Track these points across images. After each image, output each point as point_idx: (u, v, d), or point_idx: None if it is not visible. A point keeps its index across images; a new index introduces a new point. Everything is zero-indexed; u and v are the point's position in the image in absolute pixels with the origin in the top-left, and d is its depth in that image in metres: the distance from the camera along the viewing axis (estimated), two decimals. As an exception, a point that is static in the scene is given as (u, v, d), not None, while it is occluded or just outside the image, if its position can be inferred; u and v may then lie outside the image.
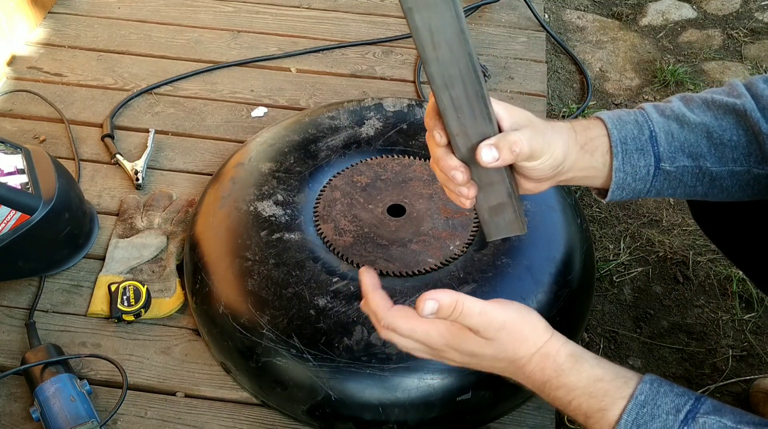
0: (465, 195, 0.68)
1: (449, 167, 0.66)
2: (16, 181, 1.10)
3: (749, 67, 1.85)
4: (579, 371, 0.65)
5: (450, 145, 0.66)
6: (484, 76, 1.60)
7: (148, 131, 1.45)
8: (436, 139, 0.66)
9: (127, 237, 1.24)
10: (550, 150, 0.68)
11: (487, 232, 0.74)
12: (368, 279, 0.70)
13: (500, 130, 0.66)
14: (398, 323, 0.67)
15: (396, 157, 1.24)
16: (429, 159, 1.22)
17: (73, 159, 1.40)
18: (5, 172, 1.11)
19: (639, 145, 0.74)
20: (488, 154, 0.64)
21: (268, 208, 1.14)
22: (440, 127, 0.65)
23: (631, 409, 0.61)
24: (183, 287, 1.17)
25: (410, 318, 0.67)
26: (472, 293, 1.01)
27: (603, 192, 0.77)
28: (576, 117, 1.63)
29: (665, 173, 0.75)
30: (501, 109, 0.67)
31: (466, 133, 0.64)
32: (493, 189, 0.68)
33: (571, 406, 0.65)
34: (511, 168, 0.70)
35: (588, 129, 0.74)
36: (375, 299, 0.68)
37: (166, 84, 1.57)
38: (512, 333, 0.66)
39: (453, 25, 0.56)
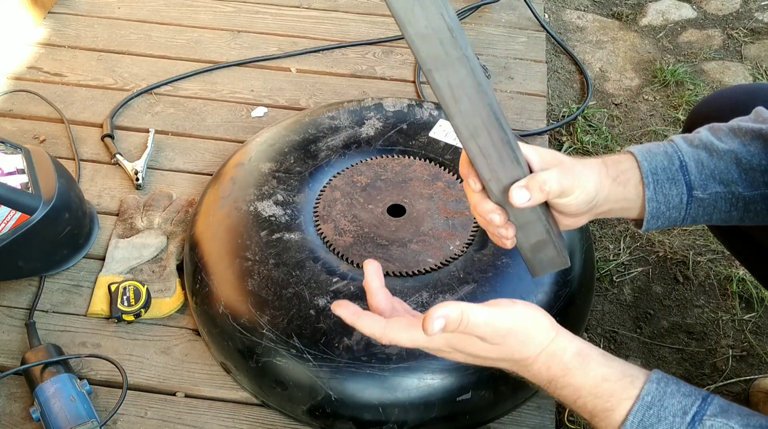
0: (505, 235, 0.72)
1: (486, 211, 0.70)
2: (16, 181, 1.10)
3: (749, 67, 1.85)
4: (585, 371, 0.64)
5: (485, 190, 0.70)
6: (485, 74, 1.60)
7: (148, 131, 1.45)
8: (471, 185, 0.70)
9: (127, 237, 1.24)
10: (581, 185, 0.71)
11: (531, 270, 0.77)
12: (349, 311, 0.68)
13: (531, 172, 0.69)
14: (399, 337, 0.66)
15: (396, 157, 1.24)
16: (428, 159, 1.22)
17: (73, 159, 1.40)
18: (5, 172, 1.11)
19: (670, 174, 0.76)
20: (520, 196, 0.67)
21: (268, 208, 1.14)
22: (474, 174, 0.68)
23: (637, 410, 0.61)
24: (183, 287, 1.17)
25: (411, 328, 0.66)
26: (472, 293, 1.01)
27: (640, 222, 0.79)
28: (576, 117, 1.64)
29: (699, 200, 0.78)
30: (530, 152, 0.70)
31: (498, 177, 0.67)
32: (531, 227, 0.71)
33: (576, 404, 0.65)
34: (547, 206, 0.72)
35: (619, 163, 0.77)
36: (366, 325, 0.66)
37: (166, 84, 1.57)
38: (519, 336, 0.65)
39: (470, 80, 0.60)
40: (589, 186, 0.72)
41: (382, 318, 0.67)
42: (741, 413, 0.61)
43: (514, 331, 0.65)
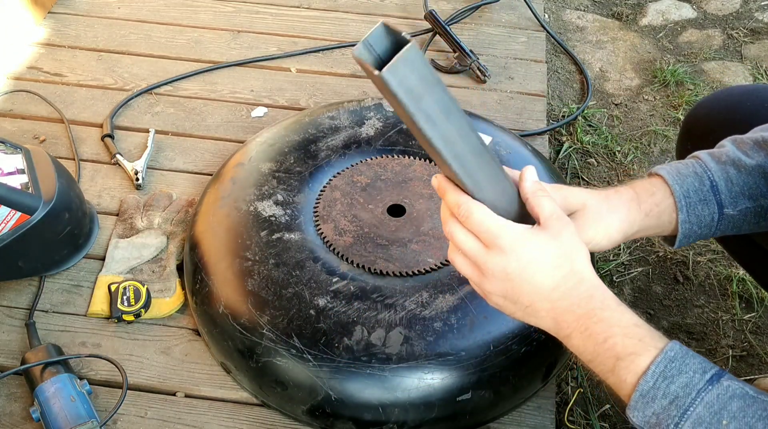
0: None
1: None
2: (16, 181, 1.10)
3: (749, 67, 1.85)
4: (621, 312, 0.66)
5: None
6: (484, 76, 1.60)
7: (148, 131, 1.45)
8: None
9: (127, 237, 1.24)
10: (603, 233, 0.76)
11: None
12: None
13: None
14: (476, 209, 0.66)
15: (396, 157, 1.24)
16: (428, 159, 1.22)
17: (73, 159, 1.40)
18: (5, 172, 1.11)
19: (701, 196, 0.79)
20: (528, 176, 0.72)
21: (268, 208, 1.14)
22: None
23: (660, 361, 0.62)
24: (183, 287, 1.17)
25: (486, 210, 0.67)
26: (473, 293, 1.01)
27: (671, 239, 0.82)
28: (576, 117, 1.63)
29: (729, 217, 0.80)
30: (557, 196, 0.72)
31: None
32: None
33: (605, 344, 0.64)
34: None
35: (652, 194, 0.79)
36: (453, 193, 0.67)
37: (166, 84, 1.57)
38: (573, 236, 0.67)
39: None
40: (612, 231, 0.76)
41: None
42: (752, 386, 0.63)
43: (572, 227, 0.67)
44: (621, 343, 0.64)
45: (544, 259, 0.66)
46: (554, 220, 0.67)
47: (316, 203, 1.16)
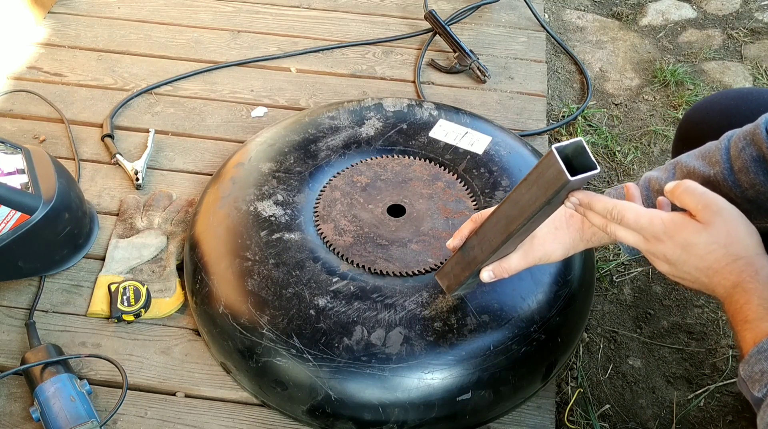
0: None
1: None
2: (16, 181, 1.10)
3: (749, 67, 1.85)
4: (766, 285, 0.71)
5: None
6: (484, 76, 1.60)
7: (148, 131, 1.45)
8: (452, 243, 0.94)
9: (127, 237, 1.24)
10: (547, 258, 0.90)
11: (457, 289, 0.98)
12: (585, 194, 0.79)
13: None
14: (626, 214, 0.75)
15: (396, 157, 1.24)
16: (428, 159, 1.22)
17: (73, 159, 1.40)
18: (5, 172, 1.11)
19: None
20: (486, 276, 0.90)
21: (268, 208, 1.14)
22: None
23: None
24: (183, 287, 1.17)
25: (636, 208, 0.75)
26: (472, 292, 1.01)
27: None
28: (576, 117, 1.63)
29: None
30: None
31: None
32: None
33: (743, 308, 0.70)
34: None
35: (591, 226, 0.86)
36: (600, 201, 0.76)
37: (166, 84, 1.57)
38: (728, 222, 0.71)
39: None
40: (556, 256, 0.89)
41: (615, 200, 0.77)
42: None
43: (725, 214, 0.72)
44: (754, 310, 0.69)
45: (695, 243, 0.72)
46: (703, 211, 0.72)
47: (316, 203, 1.16)
